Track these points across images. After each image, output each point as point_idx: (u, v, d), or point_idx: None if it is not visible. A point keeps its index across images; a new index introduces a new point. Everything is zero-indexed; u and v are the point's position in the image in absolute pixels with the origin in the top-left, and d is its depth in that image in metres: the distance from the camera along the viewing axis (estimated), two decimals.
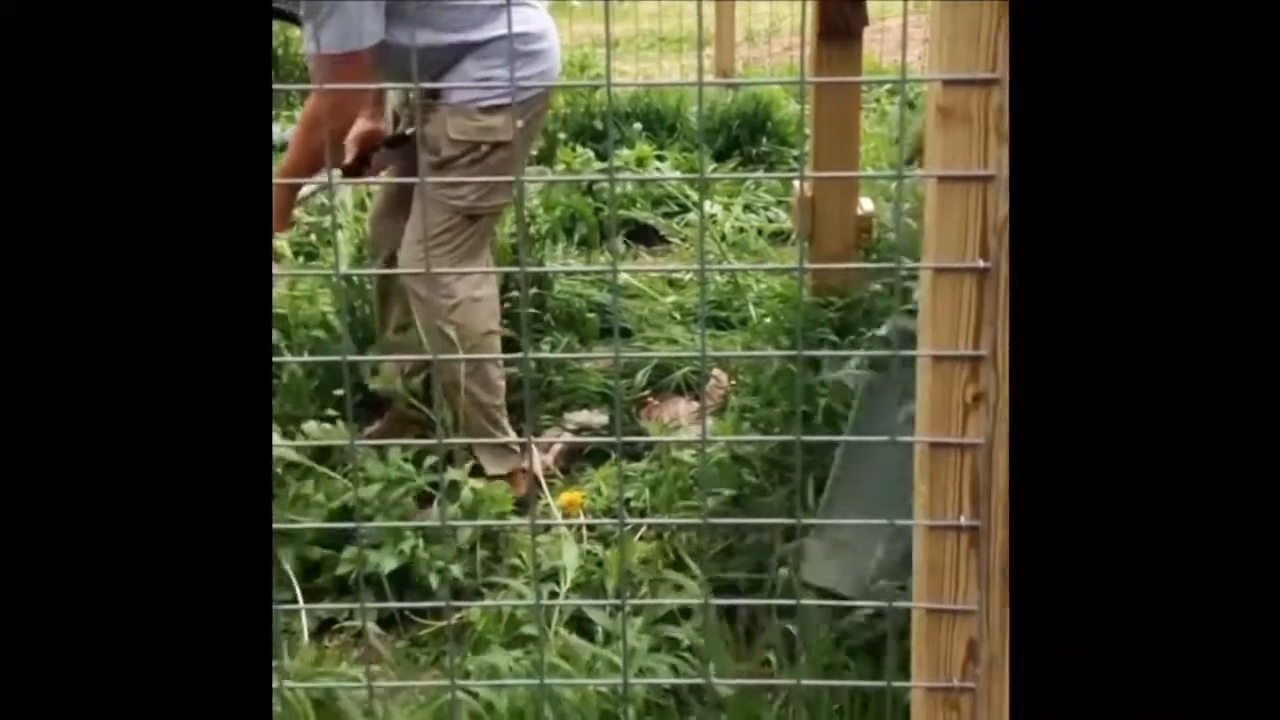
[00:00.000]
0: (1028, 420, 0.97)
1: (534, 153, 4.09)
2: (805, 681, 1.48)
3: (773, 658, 1.93)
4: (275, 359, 2.75)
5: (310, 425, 2.65)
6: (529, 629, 2.21)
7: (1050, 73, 0.94)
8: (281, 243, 2.98)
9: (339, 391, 2.78)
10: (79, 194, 0.92)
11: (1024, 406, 0.97)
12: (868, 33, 3.05)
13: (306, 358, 2.89)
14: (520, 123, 2.54)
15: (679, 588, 2.16)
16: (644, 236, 4.41)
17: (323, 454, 2.55)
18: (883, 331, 2.15)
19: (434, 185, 2.52)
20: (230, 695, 0.93)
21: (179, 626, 0.93)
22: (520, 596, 2.33)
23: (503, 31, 2.46)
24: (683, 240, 4.40)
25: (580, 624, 2.22)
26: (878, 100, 4.81)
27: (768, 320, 3.19)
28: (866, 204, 2.87)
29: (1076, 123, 0.93)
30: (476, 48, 2.49)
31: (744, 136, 5.20)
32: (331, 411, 2.77)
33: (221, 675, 0.93)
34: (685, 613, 2.09)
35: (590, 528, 2.57)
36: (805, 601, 1.64)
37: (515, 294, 3.26)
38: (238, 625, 0.94)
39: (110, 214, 0.92)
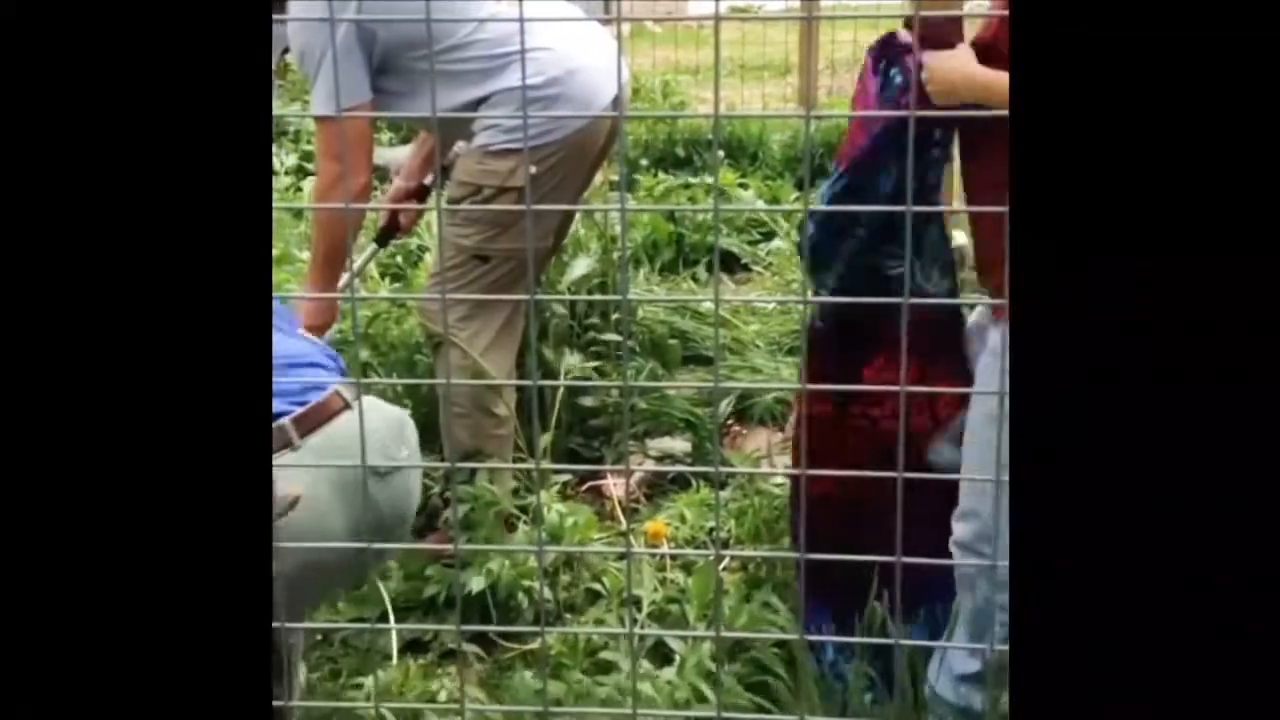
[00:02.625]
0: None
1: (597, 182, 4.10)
2: None
3: (858, 696, 1.90)
4: (367, 380, 2.78)
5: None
6: (606, 654, 2.20)
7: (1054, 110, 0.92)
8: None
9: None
10: (75, 204, 0.92)
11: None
12: None
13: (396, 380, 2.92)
14: (534, 168, 2.44)
15: (769, 615, 2.15)
16: (726, 263, 4.40)
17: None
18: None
19: (447, 224, 2.54)
20: (231, 707, 0.93)
21: (178, 636, 0.93)
22: (599, 622, 2.33)
23: (511, 83, 2.45)
24: (765, 268, 4.38)
25: (659, 651, 2.22)
26: None
27: None
28: (959, 237, 2.83)
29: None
30: (488, 99, 2.50)
31: (828, 165, 5.17)
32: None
33: (222, 685, 0.93)
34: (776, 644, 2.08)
35: (672, 556, 2.56)
36: (903, 642, 1.62)
37: (595, 320, 3.27)
38: (238, 636, 0.94)
39: (110, 219, 0.93)
